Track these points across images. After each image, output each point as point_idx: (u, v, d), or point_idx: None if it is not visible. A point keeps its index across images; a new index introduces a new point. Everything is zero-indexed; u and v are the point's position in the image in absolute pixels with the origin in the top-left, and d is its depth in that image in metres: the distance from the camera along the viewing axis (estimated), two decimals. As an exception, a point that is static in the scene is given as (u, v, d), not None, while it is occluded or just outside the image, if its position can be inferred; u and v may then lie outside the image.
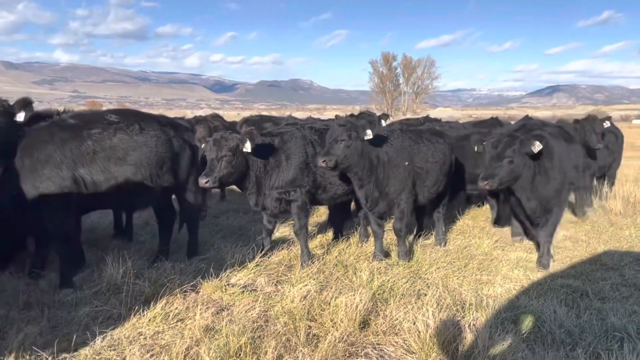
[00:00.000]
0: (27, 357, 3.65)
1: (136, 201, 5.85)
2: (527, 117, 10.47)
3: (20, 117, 5.36)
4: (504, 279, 5.74)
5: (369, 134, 5.70)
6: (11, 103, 5.45)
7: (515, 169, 5.87)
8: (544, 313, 4.56)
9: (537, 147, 5.77)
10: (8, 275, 5.40)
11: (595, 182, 10.18)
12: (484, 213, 9.16)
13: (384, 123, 9.52)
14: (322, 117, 16.16)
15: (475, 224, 8.51)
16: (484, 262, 6.34)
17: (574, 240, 7.66)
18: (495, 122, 11.41)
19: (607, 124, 9.31)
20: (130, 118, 5.67)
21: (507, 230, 7.73)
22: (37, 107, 5.85)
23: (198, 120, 10.29)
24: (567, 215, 9.21)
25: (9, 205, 4.98)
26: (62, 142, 5.21)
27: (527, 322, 4.43)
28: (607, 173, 10.70)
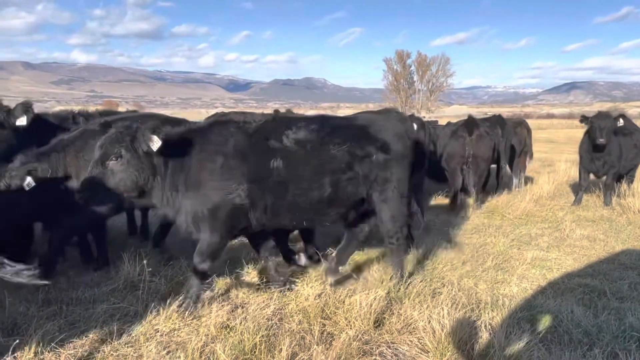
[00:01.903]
0: (46, 353, 3.71)
1: None
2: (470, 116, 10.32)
3: (22, 121, 5.47)
4: (520, 278, 5.68)
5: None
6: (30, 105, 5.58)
7: (128, 176, 4.34)
8: (561, 312, 4.52)
9: (155, 143, 4.28)
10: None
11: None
12: (500, 212, 9.09)
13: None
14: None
15: (491, 223, 8.46)
16: (500, 261, 6.29)
17: (592, 239, 7.56)
18: (499, 119, 11.30)
19: (620, 122, 9.27)
20: None
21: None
22: (55, 107, 5.99)
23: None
24: (584, 213, 9.13)
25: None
26: None
27: (544, 322, 4.39)
28: (628, 172, 10.59)
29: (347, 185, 4.85)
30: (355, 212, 5.17)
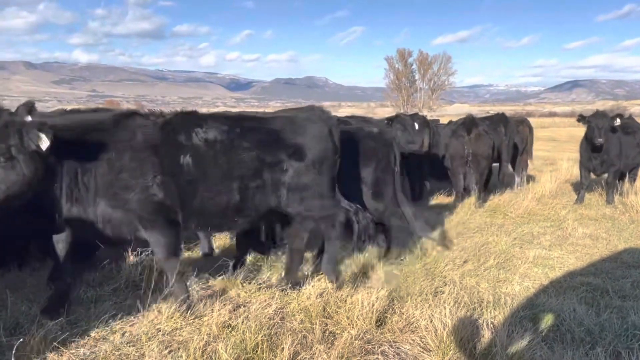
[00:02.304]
0: (48, 352, 3.71)
1: None
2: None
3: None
4: (522, 277, 5.68)
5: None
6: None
7: (21, 179, 3.80)
8: (563, 311, 4.51)
9: (43, 142, 3.77)
10: (29, 272, 5.50)
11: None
12: (502, 210, 9.08)
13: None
14: (338, 114, 16.13)
15: (493, 222, 8.45)
16: (502, 260, 6.28)
17: (594, 237, 7.55)
18: (502, 117, 11.27)
19: (617, 122, 9.32)
20: None
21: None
22: (56, 106, 5.97)
23: None
24: (586, 212, 9.12)
25: None
26: None
27: (546, 321, 4.38)
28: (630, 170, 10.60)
29: (257, 192, 4.58)
30: (274, 218, 4.97)
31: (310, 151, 4.76)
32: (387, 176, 5.80)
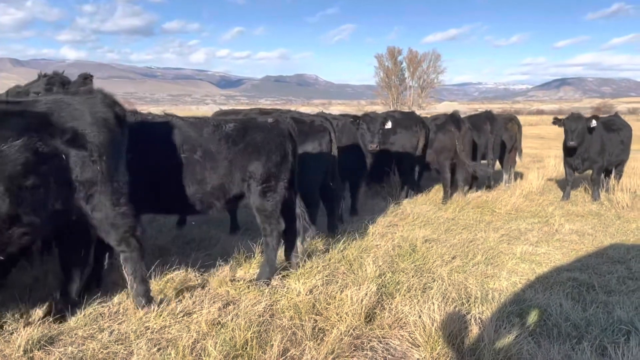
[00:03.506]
0: (36, 351, 3.68)
1: None
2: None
3: None
4: (509, 273, 5.73)
5: None
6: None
7: None
8: (550, 306, 4.57)
9: None
10: (17, 270, 5.44)
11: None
12: (489, 207, 9.14)
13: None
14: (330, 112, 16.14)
15: (481, 218, 8.51)
16: (490, 256, 6.33)
17: (580, 233, 7.64)
18: (488, 115, 11.34)
19: (594, 123, 9.50)
20: None
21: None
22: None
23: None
24: (573, 208, 9.22)
25: None
26: None
27: (533, 316, 4.43)
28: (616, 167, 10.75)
29: (35, 194, 3.61)
30: (69, 225, 4.10)
31: (90, 141, 3.90)
32: (281, 172, 5.41)
